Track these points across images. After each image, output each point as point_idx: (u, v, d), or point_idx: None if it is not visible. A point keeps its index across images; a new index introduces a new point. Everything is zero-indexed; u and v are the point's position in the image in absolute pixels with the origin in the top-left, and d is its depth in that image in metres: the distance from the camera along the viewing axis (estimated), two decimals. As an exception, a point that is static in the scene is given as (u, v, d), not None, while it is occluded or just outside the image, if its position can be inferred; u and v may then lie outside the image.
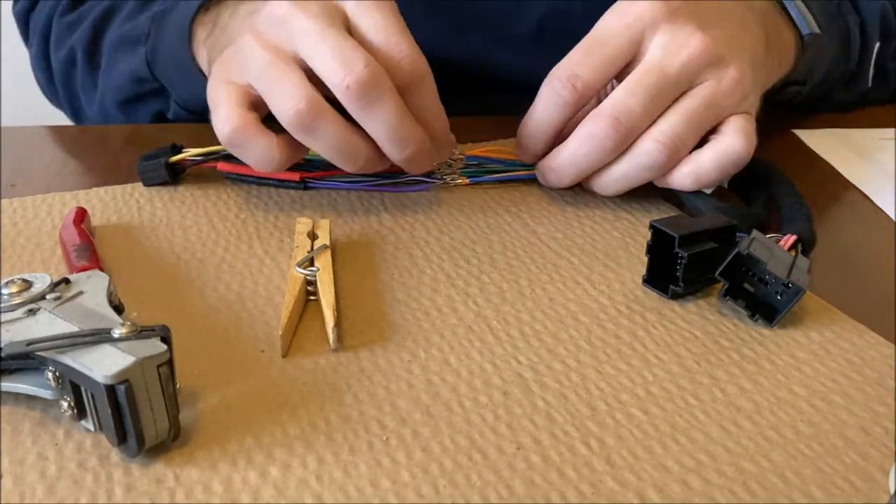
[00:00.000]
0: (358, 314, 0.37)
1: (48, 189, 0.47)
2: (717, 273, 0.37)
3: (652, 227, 0.39)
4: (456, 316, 0.37)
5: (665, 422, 0.31)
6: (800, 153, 0.58)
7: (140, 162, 0.48)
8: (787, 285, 0.36)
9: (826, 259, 0.43)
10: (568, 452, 0.29)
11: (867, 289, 0.41)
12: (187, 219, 0.45)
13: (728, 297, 0.37)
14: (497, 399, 0.32)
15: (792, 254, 0.39)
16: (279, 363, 0.34)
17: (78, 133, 0.57)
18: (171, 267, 0.40)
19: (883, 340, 0.36)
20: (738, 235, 0.39)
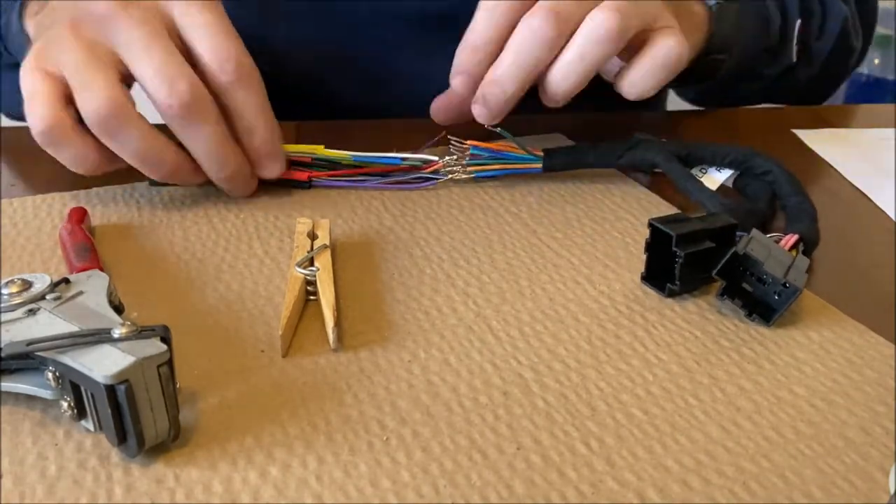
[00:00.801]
0: (358, 314, 0.37)
1: (48, 189, 0.47)
2: (714, 272, 0.37)
3: (650, 225, 0.39)
4: (456, 316, 0.37)
5: (665, 422, 0.31)
6: (800, 153, 0.58)
7: None
8: (785, 285, 0.36)
9: (826, 259, 0.43)
10: (568, 452, 0.29)
11: (867, 289, 0.41)
12: (187, 219, 0.45)
13: (725, 297, 0.37)
14: (497, 399, 0.32)
15: (792, 253, 0.39)
16: (279, 363, 0.34)
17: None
18: (171, 267, 0.40)
19: (883, 340, 0.36)
20: (739, 234, 0.39)
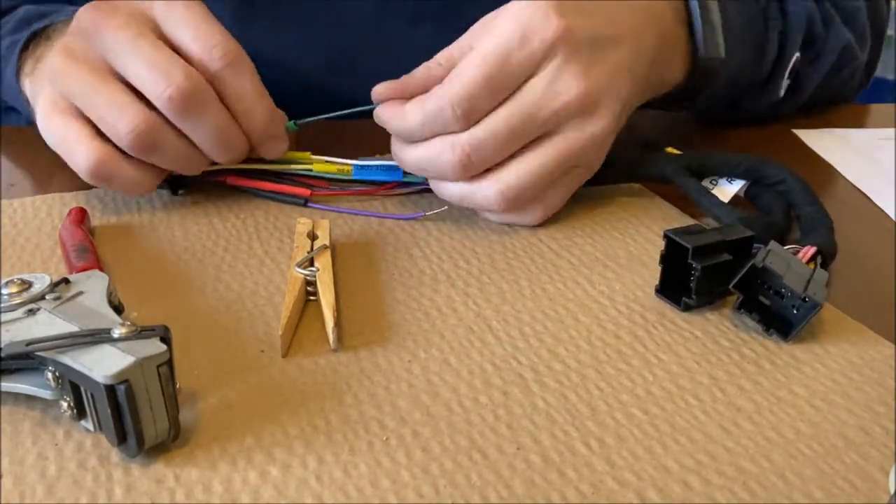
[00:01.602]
0: (358, 314, 0.37)
1: (48, 189, 0.47)
2: (732, 285, 0.36)
3: (666, 237, 0.38)
4: (456, 316, 0.37)
5: (665, 422, 0.31)
6: (800, 153, 0.58)
7: None
8: (804, 299, 0.35)
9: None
10: (568, 452, 0.29)
11: (867, 289, 0.41)
12: (187, 219, 0.45)
13: (742, 310, 0.37)
14: (497, 399, 0.32)
15: (811, 266, 0.38)
16: (279, 363, 0.34)
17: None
18: (171, 267, 0.40)
19: (883, 340, 0.36)
20: (756, 246, 0.38)
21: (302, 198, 0.46)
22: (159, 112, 0.41)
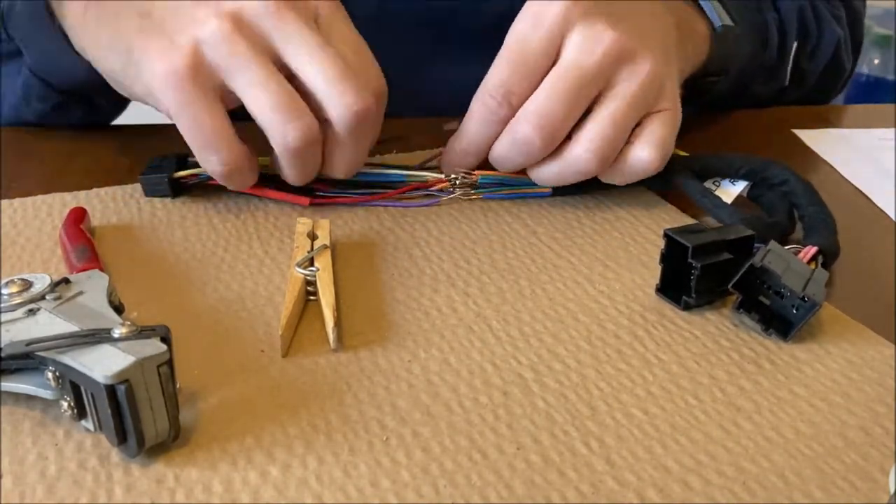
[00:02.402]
0: (358, 314, 0.37)
1: (48, 189, 0.47)
2: (731, 285, 0.36)
3: (666, 236, 0.38)
4: (456, 316, 0.37)
5: (665, 422, 0.31)
6: (800, 153, 0.58)
7: (144, 173, 0.47)
8: (803, 299, 0.35)
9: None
10: (568, 452, 0.29)
11: (867, 289, 0.41)
12: (187, 219, 0.45)
13: (742, 310, 0.37)
14: (497, 399, 0.32)
15: (811, 266, 0.38)
16: (279, 363, 0.34)
17: (78, 133, 0.57)
18: (171, 267, 0.40)
19: (883, 340, 0.36)
20: (757, 246, 0.38)
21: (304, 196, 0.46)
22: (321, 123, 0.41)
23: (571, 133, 0.44)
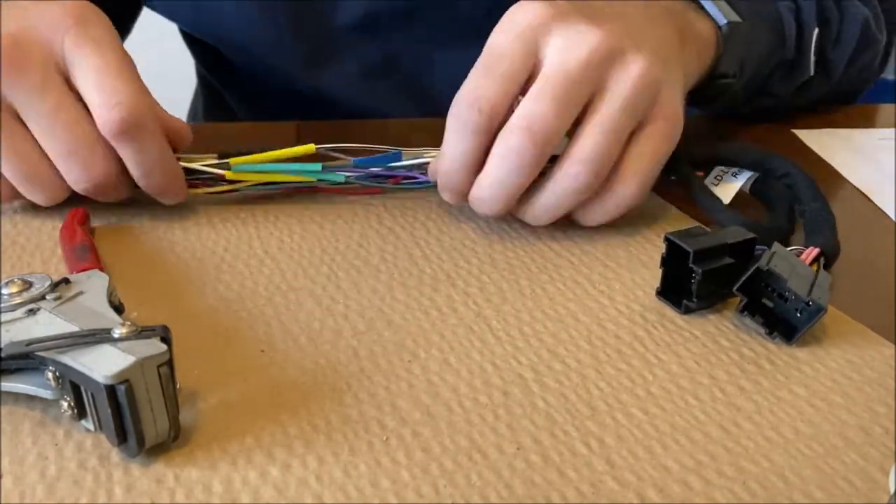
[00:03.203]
0: (357, 314, 0.37)
1: (48, 189, 0.47)
2: (736, 288, 0.36)
3: (667, 240, 0.37)
4: (456, 316, 0.37)
5: (665, 422, 0.31)
6: (800, 153, 0.58)
7: None
8: (808, 303, 0.35)
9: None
10: (568, 452, 0.29)
11: (867, 289, 0.41)
12: (187, 219, 0.45)
13: (745, 313, 0.36)
14: (497, 399, 0.32)
15: (814, 268, 0.37)
16: (279, 363, 0.34)
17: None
18: (171, 267, 0.40)
19: (883, 340, 0.36)
20: (758, 248, 0.38)
21: (309, 185, 0.46)
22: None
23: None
